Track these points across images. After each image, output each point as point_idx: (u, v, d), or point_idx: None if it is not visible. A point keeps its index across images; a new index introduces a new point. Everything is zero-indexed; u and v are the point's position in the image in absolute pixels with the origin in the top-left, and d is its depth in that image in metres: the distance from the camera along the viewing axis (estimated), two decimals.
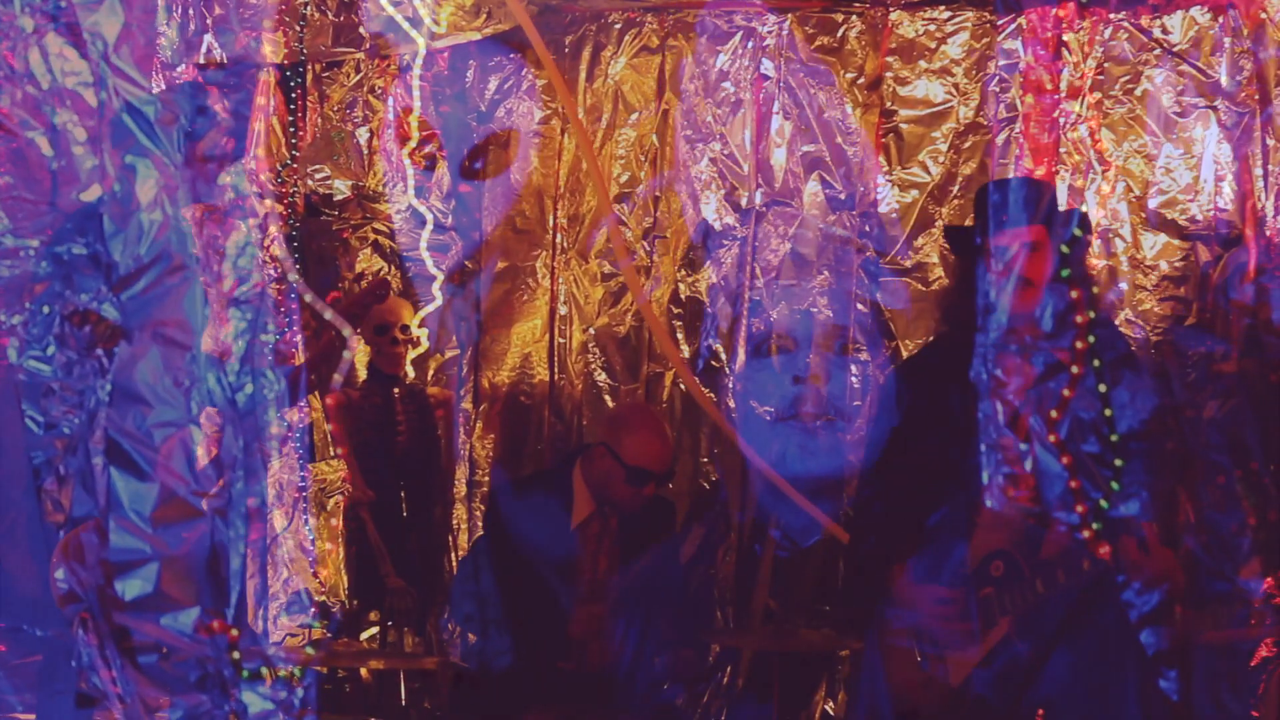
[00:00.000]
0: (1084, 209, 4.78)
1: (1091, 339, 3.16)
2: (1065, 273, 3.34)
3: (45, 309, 2.89)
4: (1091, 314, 3.19)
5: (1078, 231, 3.34)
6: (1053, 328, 3.43)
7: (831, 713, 5.55)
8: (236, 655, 2.73)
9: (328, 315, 2.72)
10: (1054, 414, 3.15)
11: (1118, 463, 3.16)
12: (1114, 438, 3.15)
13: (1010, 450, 3.17)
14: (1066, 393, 3.12)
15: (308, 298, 2.71)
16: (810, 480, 4.91)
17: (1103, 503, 3.16)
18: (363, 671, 5.86)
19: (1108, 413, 3.16)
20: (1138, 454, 3.36)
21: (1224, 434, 3.70)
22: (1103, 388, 3.16)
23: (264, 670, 2.74)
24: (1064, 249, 3.50)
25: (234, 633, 2.73)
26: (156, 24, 2.79)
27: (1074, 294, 3.26)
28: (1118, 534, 3.35)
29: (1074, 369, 3.14)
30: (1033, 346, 3.34)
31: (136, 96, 2.74)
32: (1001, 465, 3.27)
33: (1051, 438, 3.16)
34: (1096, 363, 3.11)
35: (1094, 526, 3.15)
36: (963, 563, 3.56)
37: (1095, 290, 3.44)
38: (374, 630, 5.87)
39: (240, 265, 2.79)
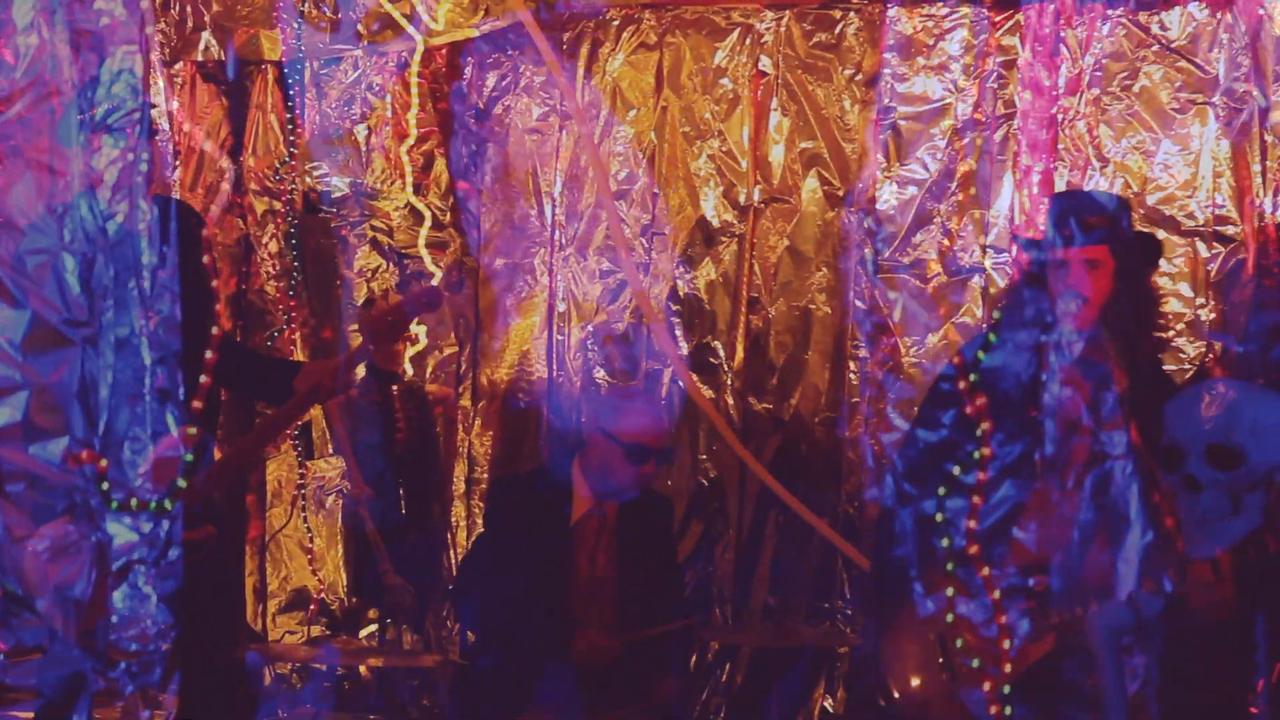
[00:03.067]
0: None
1: (973, 191, 3.09)
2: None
3: None
4: (971, 165, 3.11)
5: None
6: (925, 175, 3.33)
7: (830, 710, 5.55)
8: (105, 485, 2.71)
9: (206, 146, 2.69)
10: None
11: (995, 315, 3.14)
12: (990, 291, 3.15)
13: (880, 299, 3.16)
14: (946, 243, 3.10)
15: (186, 127, 2.68)
16: None
17: (980, 354, 3.15)
18: (361, 669, 5.87)
19: None
20: (1009, 307, 3.36)
21: None
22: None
23: (132, 501, 2.71)
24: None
25: (103, 463, 2.71)
26: None
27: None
28: (1190, 562, 3.36)
29: (952, 223, 3.10)
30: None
31: None
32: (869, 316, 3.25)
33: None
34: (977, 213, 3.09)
35: (970, 378, 3.14)
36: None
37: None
38: (373, 628, 5.88)
39: (114, 92, 2.75)
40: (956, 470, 3.26)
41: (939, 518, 3.34)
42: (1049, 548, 3.29)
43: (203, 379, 2.81)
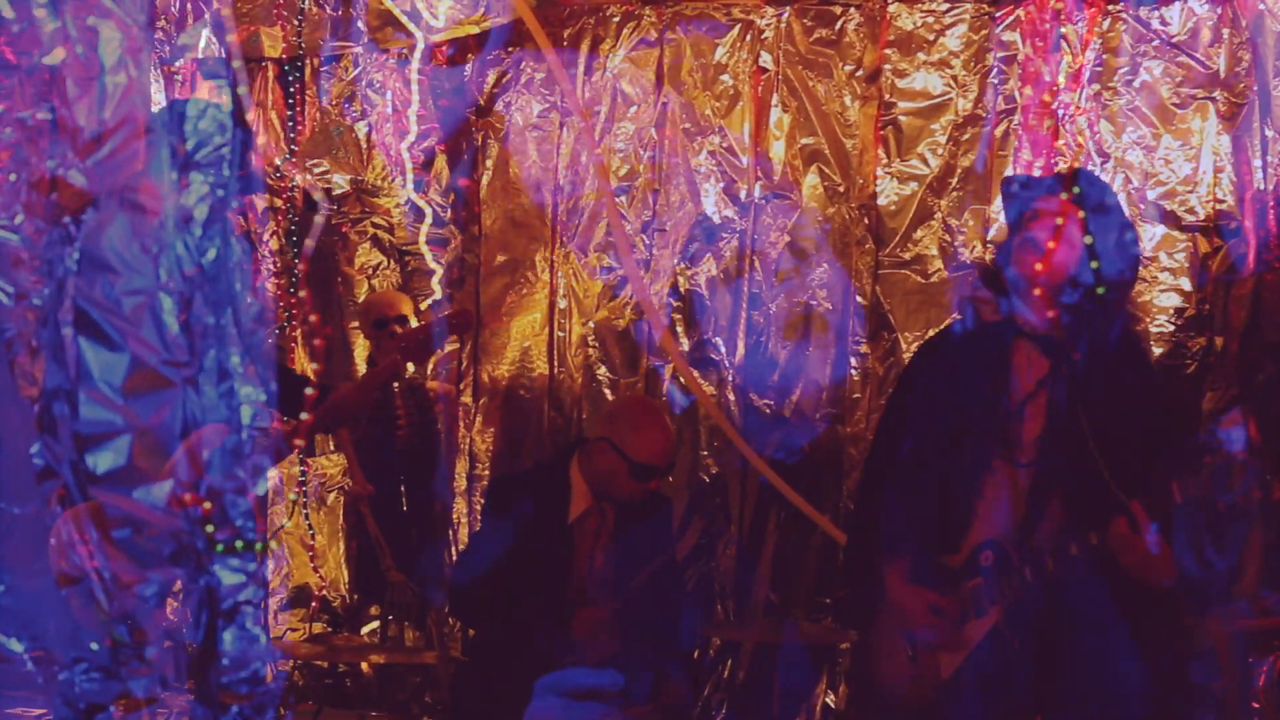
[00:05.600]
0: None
1: (1076, 190, 3.16)
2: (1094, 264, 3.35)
3: (11, 176, 2.76)
4: (1075, 163, 3.16)
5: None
6: (1027, 178, 3.42)
7: (832, 705, 5.55)
8: (210, 529, 2.67)
9: (295, 177, 2.65)
10: (1037, 266, 3.19)
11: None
12: (1100, 290, 3.17)
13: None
14: (1051, 244, 3.16)
15: (280, 159, 2.64)
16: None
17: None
18: (364, 666, 5.87)
19: (1094, 264, 3.16)
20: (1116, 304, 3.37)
21: None
22: (1088, 239, 3.19)
23: (237, 543, 2.68)
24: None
25: (207, 505, 2.67)
26: None
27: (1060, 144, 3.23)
28: (1109, 517, 3.33)
29: (1058, 220, 3.16)
30: (1010, 197, 3.37)
31: None
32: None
33: (1036, 291, 3.20)
34: (1081, 214, 3.12)
35: None
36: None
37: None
38: (374, 624, 5.88)
39: (202, 128, 2.72)
40: None
41: None
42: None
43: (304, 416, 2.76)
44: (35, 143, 2.73)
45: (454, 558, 5.93)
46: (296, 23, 5.78)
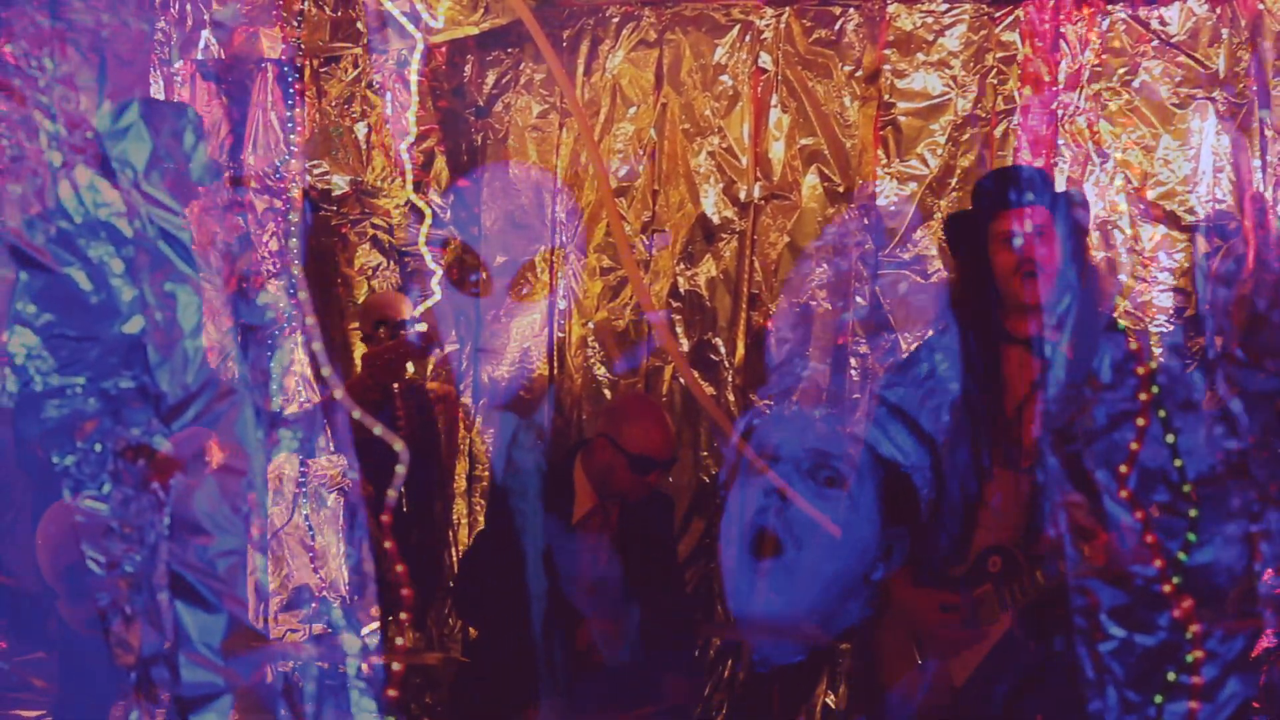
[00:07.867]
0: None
1: (1155, 389, 3.10)
2: (1120, 325, 3.31)
3: (97, 447, 2.75)
4: (1153, 364, 3.16)
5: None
6: (1111, 378, 3.38)
7: (832, 706, 5.55)
8: None
9: (377, 430, 2.65)
10: (1123, 468, 3.09)
11: (1192, 513, 3.09)
12: (1186, 488, 3.08)
13: (1082, 509, 3.11)
14: (1134, 445, 3.06)
15: (356, 414, 2.64)
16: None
17: (1181, 555, 3.10)
18: (363, 667, 5.86)
19: (1177, 463, 3.11)
20: (1209, 500, 3.30)
21: None
22: (1170, 438, 3.11)
23: None
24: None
25: None
26: (184, 148, 2.71)
27: (1133, 344, 3.22)
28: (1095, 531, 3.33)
29: (1139, 420, 3.09)
30: (1094, 399, 3.29)
31: (170, 222, 2.68)
32: (1074, 524, 3.22)
33: (1123, 493, 3.10)
34: (1162, 413, 3.05)
35: (1174, 580, 3.10)
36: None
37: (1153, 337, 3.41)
38: (374, 625, 5.87)
39: (287, 385, 2.75)
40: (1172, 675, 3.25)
41: None
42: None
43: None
44: (119, 412, 2.73)
45: (454, 559, 5.93)
46: (296, 24, 5.79)
